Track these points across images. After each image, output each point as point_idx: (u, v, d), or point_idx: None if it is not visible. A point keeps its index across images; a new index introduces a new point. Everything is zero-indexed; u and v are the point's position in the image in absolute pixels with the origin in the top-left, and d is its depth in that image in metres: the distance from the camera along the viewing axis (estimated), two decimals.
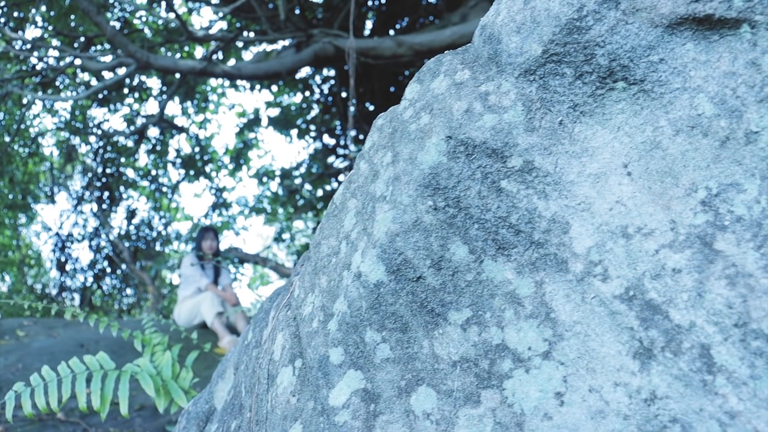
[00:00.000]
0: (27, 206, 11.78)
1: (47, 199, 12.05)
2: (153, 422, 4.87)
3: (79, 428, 4.68)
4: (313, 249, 1.28)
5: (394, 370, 1.05)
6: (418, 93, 1.17)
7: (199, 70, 8.81)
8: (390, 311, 1.08)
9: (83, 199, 11.90)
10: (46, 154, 12.10)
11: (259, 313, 1.75)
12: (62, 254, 11.78)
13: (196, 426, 1.97)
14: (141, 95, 11.52)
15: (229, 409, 1.70)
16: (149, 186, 12.15)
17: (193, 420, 2.01)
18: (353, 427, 1.05)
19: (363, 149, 1.25)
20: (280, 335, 1.30)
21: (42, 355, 6.39)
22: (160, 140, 11.86)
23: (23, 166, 11.68)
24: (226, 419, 1.66)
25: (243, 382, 1.51)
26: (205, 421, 1.97)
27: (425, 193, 1.06)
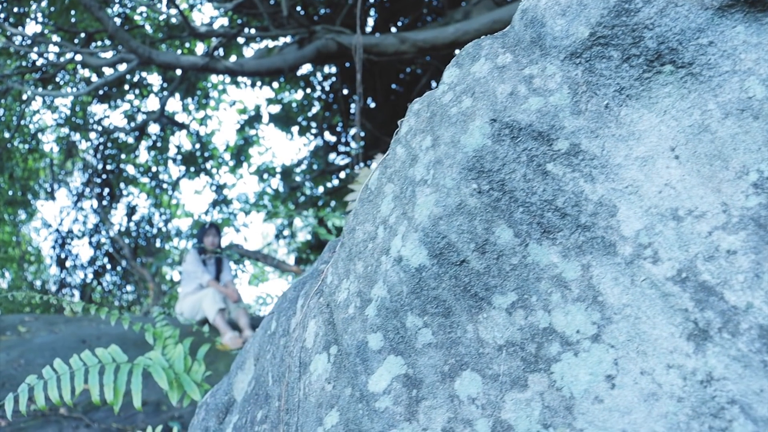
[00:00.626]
0: (27, 203, 11.74)
1: (47, 195, 12.01)
2: (156, 418, 4.86)
3: (81, 423, 4.67)
4: (347, 235, 1.27)
5: (436, 355, 1.04)
6: (458, 77, 1.17)
7: (201, 66, 8.79)
8: (432, 296, 1.07)
9: (83, 196, 11.87)
10: (45, 151, 12.07)
11: (283, 302, 1.74)
12: (62, 251, 11.75)
13: (216, 417, 1.96)
14: (142, 91, 11.50)
15: (251, 399, 1.69)
16: (150, 183, 12.13)
17: (212, 411, 2.00)
18: (395, 413, 1.04)
19: (398, 134, 1.24)
20: (313, 322, 1.29)
21: (44, 351, 6.37)
22: (160, 137, 11.84)
23: (23, 162, 11.64)
24: (250, 409, 1.65)
25: (269, 371, 1.50)
26: (225, 412, 1.95)
27: (469, 176, 1.06)
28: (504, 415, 0.97)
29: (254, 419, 1.53)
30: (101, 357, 2.73)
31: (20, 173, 11.61)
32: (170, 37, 9.69)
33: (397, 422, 1.03)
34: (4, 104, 10.58)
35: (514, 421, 0.96)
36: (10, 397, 2.41)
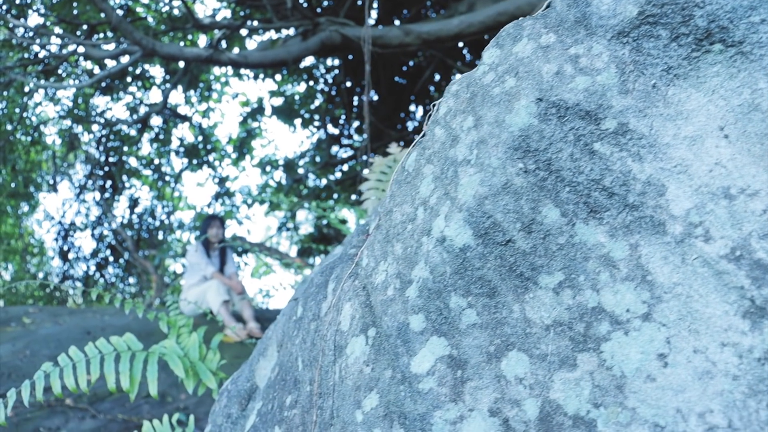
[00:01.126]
0: (29, 195, 11.72)
1: (49, 187, 11.99)
2: (161, 408, 4.87)
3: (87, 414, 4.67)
4: (384, 217, 1.26)
5: (481, 335, 1.04)
6: (499, 57, 1.16)
7: (204, 58, 8.76)
8: (477, 276, 1.06)
9: (86, 188, 11.85)
10: (48, 143, 12.04)
11: (309, 287, 1.73)
12: (65, 243, 11.74)
13: (238, 404, 1.96)
14: (144, 84, 11.46)
15: (278, 385, 1.69)
16: (152, 175, 12.11)
17: (234, 398, 2.00)
18: (439, 394, 1.04)
19: (436, 116, 1.23)
20: (348, 305, 1.29)
21: (49, 342, 6.38)
22: (163, 129, 11.81)
23: (25, 154, 11.62)
24: (276, 395, 1.64)
25: (298, 356, 1.50)
26: (248, 399, 1.95)
27: (515, 155, 1.05)
28: (553, 395, 0.96)
29: (282, 404, 1.53)
30: (116, 345, 2.73)
31: (23, 165, 11.58)
32: (173, 28, 9.65)
33: (442, 403, 1.03)
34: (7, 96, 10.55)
35: (564, 401, 0.96)
36: (26, 384, 2.40)
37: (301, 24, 9.20)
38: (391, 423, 1.09)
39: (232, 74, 11.89)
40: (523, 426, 0.96)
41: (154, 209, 12.25)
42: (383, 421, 1.11)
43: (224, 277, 7.42)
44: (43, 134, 11.98)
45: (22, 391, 2.34)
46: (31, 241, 12.42)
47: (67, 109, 11.56)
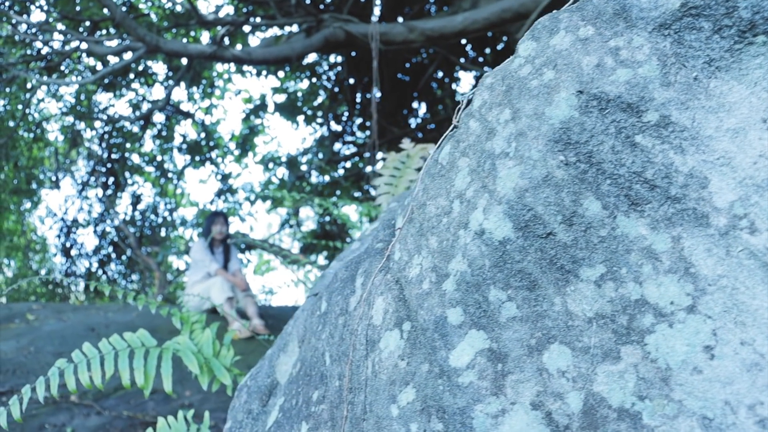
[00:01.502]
0: (31, 191, 11.71)
1: (52, 184, 11.98)
2: (166, 406, 4.87)
3: (92, 411, 4.67)
4: (417, 210, 1.26)
5: (522, 328, 1.04)
6: (536, 50, 1.15)
7: (208, 55, 8.75)
8: (516, 269, 1.06)
9: (88, 185, 11.84)
10: (50, 140, 12.02)
11: (333, 282, 1.73)
12: (67, 239, 11.73)
13: (259, 399, 1.96)
14: (147, 80, 11.45)
15: (301, 380, 1.68)
16: (155, 171, 12.10)
17: (254, 394, 2.00)
18: (480, 387, 1.04)
19: (470, 108, 1.23)
20: (380, 300, 1.29)
21: (53, 339, 6.38)
22: (165, 126, 11.80)
23: (28, 151, 11.60)
24: (301, 390, 1.64)
25: (326, 352, 1.50)
26: (268, 395, 1.95)
27: (555, 148, 1.05)
28: (596, 388, 0.96)
29: (309, 400, 1.53)
30: (130, 341, 2.73)
31: (25, 162, 11.57)
32: (177, 25, 9.63)
33: (483, 397, 1.03)
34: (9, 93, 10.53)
35: (607, 394, 0.95)
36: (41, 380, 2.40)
37: (305, 21, 9.19)
38: (428, 417, 1.09)
39: (234, 71, 11.88)
40: (566, 419, 0.96)
41: (157, 206, 12.24)
42: (420, 415, 1.10)
43: (228, 274, 7.41)
44: (46, 131, 11.97)
45: (37, 387, 2.34)
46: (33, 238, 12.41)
47: (70, 105, 11.55)
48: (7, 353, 5.85)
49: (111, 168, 11.81)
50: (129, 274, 12.07)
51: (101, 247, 11.92)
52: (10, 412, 2.26)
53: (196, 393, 5.18)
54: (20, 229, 12.07)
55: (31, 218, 12.46)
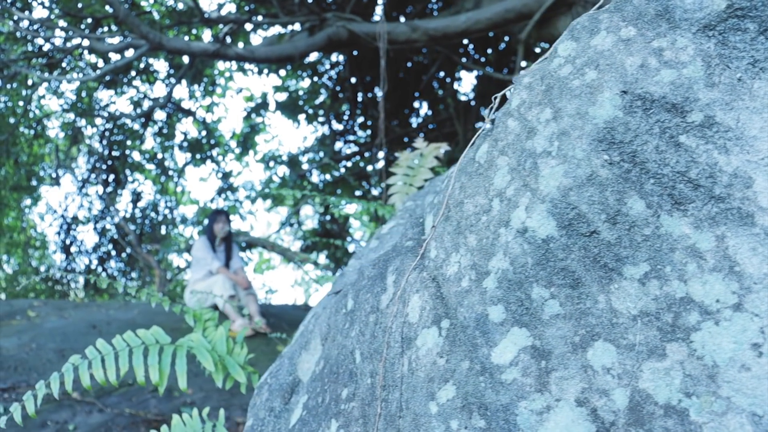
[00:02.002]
0: (32, 188, 11.68)
1: (52, 181, 11.95)
2: (168, 403, 4.87)
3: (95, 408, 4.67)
4: (454, 209, 1.27)
5: (565, 326, 1.05)
6: (576, 50, 1.16)
7: (212, 53, 8.75)
8: (559, 267, 1.07)
9: (88, 182, 11.82)
10: (51, 136, 12.00)
11: (360, 280, 1.74)
12: (67, 236, 11.71)
13: (281, 397, 1.97)
14: (148, 78, 11.43)
15: (327, 378, 1.69)
16: (155, 169, 12.08)
17: (276, 392, 2.00)
18: (524, 384, 1.05)
19: (508, 107, 1.24)
20: (416, 297, 1.29)
21: (55, 336, 6.38)
22: (166, 123, 11.78)
23: (28, 147, 11.58)
24: (327, 388, 1.65)
25: (355, 349, 1.50)
26: (290, 393, 1.96)
27: (599, 147, 1.06)
28: (642, 385, 0.97)
29: (338, 397, 1.53)
30: (144, 338, 2.73)
31: (25, 159, 11.54)
32: (180, 23, 9.62)
33: (527, 393, 1.04)
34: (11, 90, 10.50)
35: (653, 390, 0.96)
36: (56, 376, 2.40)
37: (308, 19, 9.19)
38: (470, 414, 1.10)
39: (236, 69, 11.87)
40: (612, 415, 0.97)
41: (157, 204, 12.22)
42: (461, 412, 1.11)
43: (230, 272, 7.41)
44: (46, 127, 11.94)
45: (51, 383, 2.34)
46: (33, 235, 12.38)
47: (71, 102, 11.52)
48: (8, 350, 5.84)
49: (111, 165, 11.79)
50: (129, 271, 12.05)
51: (101, 245, 11.90)
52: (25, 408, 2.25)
53: (198, 391, 5.19)
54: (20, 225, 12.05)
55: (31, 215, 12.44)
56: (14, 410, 2.22)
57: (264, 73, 11.66)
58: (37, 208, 12.36)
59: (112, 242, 12.00)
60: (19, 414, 2.21)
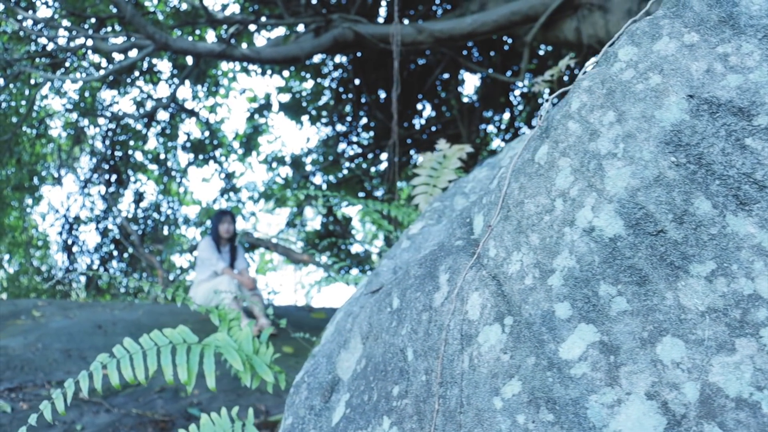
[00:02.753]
0: (34, 188, 11.68)
1: (54, 181, 11.95)
2: (175, 404, 4.89)
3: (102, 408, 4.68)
4: (514, 209, 1.30)
5: (633, 322, 1.08)
6: (638, 55, 1.20)
7: (217, 53, 8.77)
8: (626, 264, 1.11)
9: (90, 182, 11.82)
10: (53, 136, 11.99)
11: (405, 279, 1.77)
12: (69, 236, 11.71)
13: (321, 396, 1.99)
14: (152, 78, 11.44)
15: (372, 376, 1.72)
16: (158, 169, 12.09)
17: (315, 390, 2.03)
18: (594, 378, 1.08)
19: (568, 110, 1.28)
20: (475, 295, 1.33)
21: (60, 336, 6.39)
22: (169, 124, 11.79)
23: (30, 147, 11.58)
24: (374, 386, 1.68)
25: (407, 347, 1.54)
26: (330, 391, 1.98)
27: (666, 149, 1.10)
28: (712, 378, 1.01)
29: (388, 395, 1.56)
30: (171, 337, 2.74)
31: (28, 158, 11.54)
32: (187, 23, 9.64)
33: (598, 387, 1.07)
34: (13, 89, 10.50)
35: (724, 384, 1.00)
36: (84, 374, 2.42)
37: (314, 20, 9.23)
38: (537, 408, 1.13)
39: (239, 70, 11.90)
40: (683, 408, 1.00)
41: (160, 204, 12.23)
42: (528, 406, 1.15)
43: (235, 273, 7.41)
44: (49, 127, 11.94)
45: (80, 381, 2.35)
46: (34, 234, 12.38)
47: (74, 102, 11.52)
48: (15, 349, 5.85)
49: (114, 165, 11.80)
50: (131, 272, 12.06)
51: (103, 245, 11.91)
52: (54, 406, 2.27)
53: (205, 392, 5.21)
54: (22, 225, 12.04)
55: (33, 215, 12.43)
56: (44, 408, 2.24)
57: (267, 74, 11.69)
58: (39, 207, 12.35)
59: (114, 242, 12.00)
60: (49, 412, 2.23)
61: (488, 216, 1.49)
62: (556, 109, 1.37)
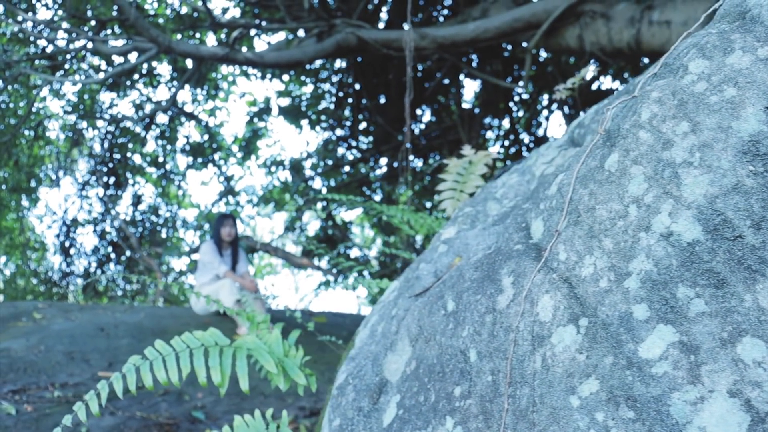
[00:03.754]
0: (31, 190, 11.63)
1: (51, 183, 11.91)
2: (179, 407, 4.90)
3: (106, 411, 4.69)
4: (585, 214, 1.35)
5: (712, 323, 1.14)
6: (710, 68, 1.26)
7: (221, 57, 8.79)
8: (704, 268, 1.16)
9: (88, 184, 11.79)
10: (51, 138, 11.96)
11: (460, 282, 1.81)
12: (66, 239, 11.66)
13: (368, 397, 2.03)
14: (151, 81, 11.44)
15: (427, 377, 1.76)
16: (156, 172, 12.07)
17: (362, 392, 2.07)
18: (675, 377, 1.13)
19: (637, 120, 1.33)
20: (546, 297, 1.38)
21: (63, 338, 6.38)
22: (169, 127, 11.78)
23: (28, 149, 11.53)
24: (430, 387, 1.72)
25: (469, 349, 1.58)
26: (378, 393, 2.02)
27: (744, 159, 1.15)
28: None
29: (449, 396, 1.60)
30: (202, 339, 2.76)
31: (25, 160, 11.50)
32: (191, 26, 9.65)
33: (680, 385, 1.12)
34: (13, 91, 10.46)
35: None
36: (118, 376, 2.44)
37: (317, 25, 9.27)
38: (616, 406, 1.18)
39: (239, 73, 11.92)
40: (766, 406, 1.06)
41: (158, 207, 12.21)
42: (606, 404, 1.19)
43: (237, 276, 7.42)
44: (47, 129, 11.90)
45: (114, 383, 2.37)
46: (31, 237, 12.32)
47: (72, 104, 11.49)
48: (17, 351, 5.83)
49: (112, 168, 11.77)
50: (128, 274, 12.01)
51: (100, 247, 11.86)
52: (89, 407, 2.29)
53: (209, 395, 5.22)
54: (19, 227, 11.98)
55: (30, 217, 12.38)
56: (78, 409, 2.26)
57: (267, 77, 11.72)
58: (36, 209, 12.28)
59: (111, 245, 11.96)
60: (83, 412, 2.25)
61: (549, 221, 1.54)
62: (620, 118, 1.43)
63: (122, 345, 6.51)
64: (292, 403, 5.13)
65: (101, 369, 5.77)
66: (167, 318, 7.85)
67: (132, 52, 10.25)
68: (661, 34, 7.10)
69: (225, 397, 5.29)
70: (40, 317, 7.55)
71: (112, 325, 7.38)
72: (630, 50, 7.50)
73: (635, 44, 7.38)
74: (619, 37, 7.54)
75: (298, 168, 11.34)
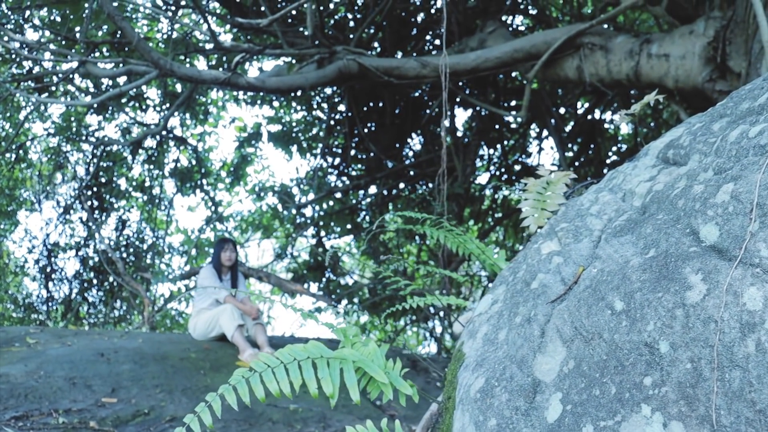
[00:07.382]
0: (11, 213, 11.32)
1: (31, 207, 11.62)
2: None
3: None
4: None
5: None
6: None
7: (222, 81, 8.82)
8: None
9: (71, 208, 11.54)
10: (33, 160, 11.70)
11: (628, 284, 1.91)
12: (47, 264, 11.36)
13: (523, 397, 2.09)
14: (140, 104, 11.35)
15: (598, 373, 1.84)
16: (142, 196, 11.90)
17: (516, 393, 2.13)
18: None
19: None
20: (753, 289, 1.49)
21: (62, 363, 6.23)
22: (156, 151, 11.66)
23: (8, 171, 11.27)
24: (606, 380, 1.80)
25: (658, 341, 1.67)
26: (533, 392, 2.10)
27: None
28: None
29: (639, 386, 1.67)
30: (308, 352, 2.76)
31: (5, 183, 11.21)
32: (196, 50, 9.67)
33: None
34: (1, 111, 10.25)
35: None
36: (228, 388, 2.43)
37: (318, 51, 9.40)
38: None
39: (228, 99, 11.92)
40: None
41: (143, 232, 12.01)
42: None
43: (237, 301, 7.34)
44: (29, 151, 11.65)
45: (225, 395, 2.36)
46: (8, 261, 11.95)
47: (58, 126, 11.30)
48: (16, 377, 5.67)
49: (97, 192, 11.57)
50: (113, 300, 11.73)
51: (82, 273, 11.57)
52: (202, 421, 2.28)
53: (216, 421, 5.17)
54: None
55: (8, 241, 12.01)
56: (190, 421, 2.26)
57: (257, 104, 11.75)
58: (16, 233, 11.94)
59: (93, 270, 11.68)
60: (197, 425, 2.26)
61: (728, 225, 1.67)
62: None
63: (124, 370, 6.37)
64: (300, 429, 5.08)
65: (104, 395, 5.64)
66: (167, 343, 7.71)
67: (122, 76, 10.20)
68: (660, 67, 7.44)
69: (233, 422, 5.24)
70: (33, 342, 7.35)
71: (112, 350, 7.22)
72: (629, 82, 7.82)
73: (634, 76, 7.71)
74: (618, 69, 7.86)
75: (289, 195, 11.34)
